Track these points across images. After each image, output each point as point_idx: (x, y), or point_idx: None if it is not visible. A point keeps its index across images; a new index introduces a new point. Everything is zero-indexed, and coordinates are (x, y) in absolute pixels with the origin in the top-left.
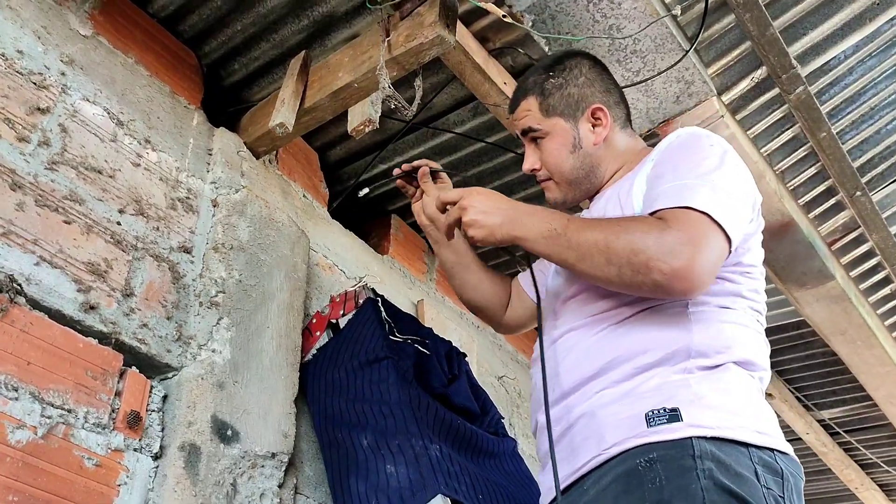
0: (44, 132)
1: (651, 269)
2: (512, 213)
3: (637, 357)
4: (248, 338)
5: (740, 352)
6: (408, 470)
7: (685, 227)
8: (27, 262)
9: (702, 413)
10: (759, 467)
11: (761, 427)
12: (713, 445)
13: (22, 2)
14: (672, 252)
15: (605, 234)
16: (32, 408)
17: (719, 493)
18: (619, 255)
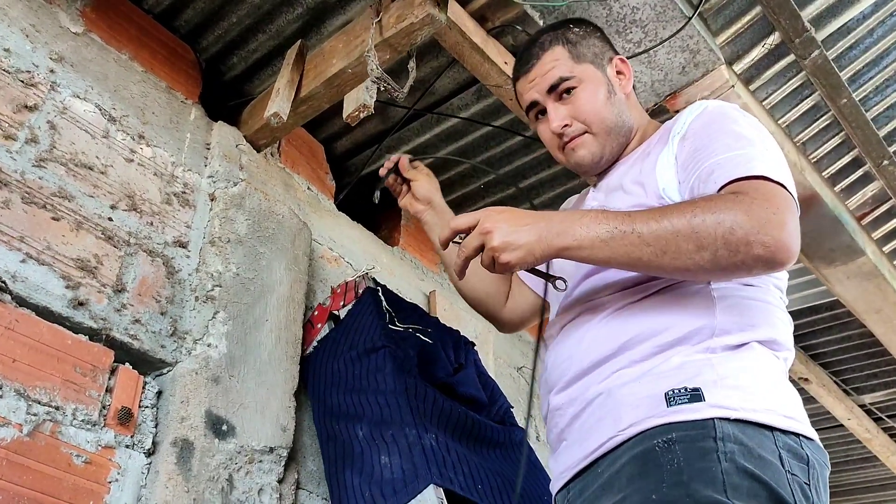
0: (31, 129)
1: (752, 245)
2: (545, 223)
3: (658, 335)
4: (246, 331)
5: (765, 331)
6: (401, 460)
7: (769, 197)
8: (13, 260)
9: (726, 394)
10: (783, 452)
11: (787, 411)
12: (736, 428)
13: (10, 1)
14: (769, 223)
15: (685, 218)
16: (17, 405)
17: (741, 477)
18: (710, 236)
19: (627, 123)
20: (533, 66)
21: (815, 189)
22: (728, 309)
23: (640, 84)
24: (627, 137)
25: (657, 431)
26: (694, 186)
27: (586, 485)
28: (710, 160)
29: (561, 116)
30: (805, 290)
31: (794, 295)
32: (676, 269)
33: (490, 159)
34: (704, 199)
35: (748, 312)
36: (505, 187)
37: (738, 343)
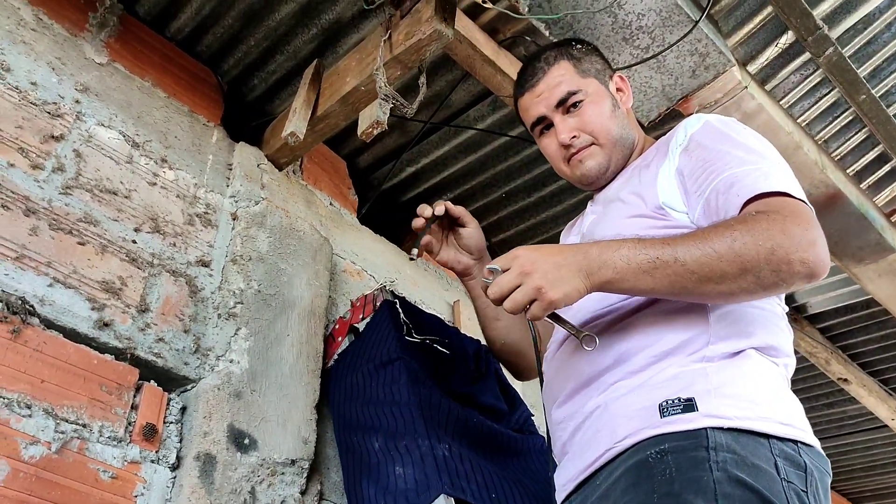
0: (58, 159)
1: (792, 263)
2: (584, 257)
3: (652, 346)
4: (268, 346)
5: (762, 338)
6: (414, 471)
7: (798, 214)
8: (41, 284)
9: (719, 403)
10: (779, 460)
11: (784, 418)
12: (730, 437)
13: (36, 36)
14: (804, 240)
15: (726, 242)
16: (46, 424)
17: (733, 486)
18: (754, 259)
19: (631, 136)
20: (539, 80)
21: (839, 187)
22: (722, 317)
23: (650, 89)
24: (631, 150)
25: (651, 443)
26: (710, 198)
27: (585, 497)
28: (727, 172)
29: (569, 128)
30: (838, 289)
31: (827, 294)
32: (720, 294)
33: (509, 168)
34: (739, 220)
35: (743, 320)
36: (526, 195)
37: (735, 351)
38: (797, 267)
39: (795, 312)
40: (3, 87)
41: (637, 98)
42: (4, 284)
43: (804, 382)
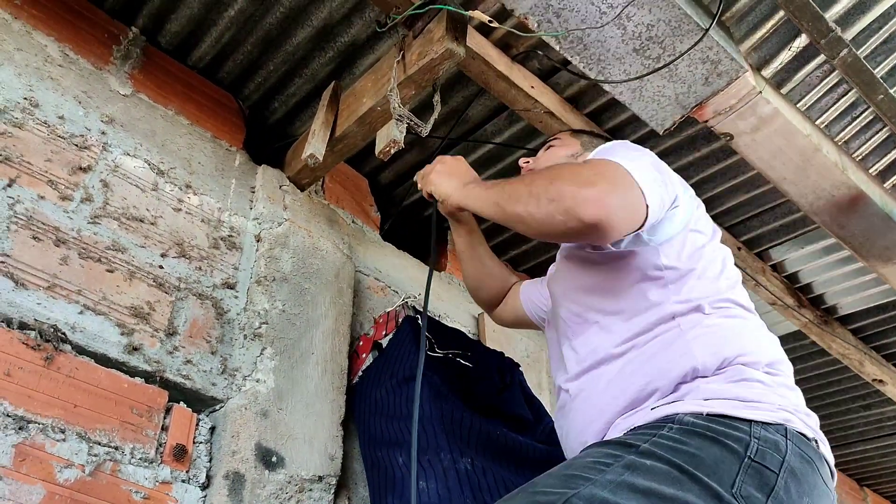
0: (86, 189)
1: (564, 197)
2: (461, 184)
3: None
4: (293, 365)
5: (740, 351)
6: (437, 485)
7: (600, 169)
8: (72, 312)
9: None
10: (755, 440)
11: (757, 404)
12: (695, 417)
13: (63, 72)
14: (587, 181)
15: (531, 175)
16: (80, 447)
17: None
18: (538, 185)
19: None
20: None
21: (861, 188)
22: (704, 344)
23: (664, 98)
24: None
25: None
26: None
27: None
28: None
29: (530, 160)
30: (868, 289)
31: (857, 295)
32: (514, 215)
33: None
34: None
35: (722, 344)
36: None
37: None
38: (567, 201)
39: (826, 314)
40: (33, 123)
41: (651, 108)
42: (37, 313)
43: (839, 385)
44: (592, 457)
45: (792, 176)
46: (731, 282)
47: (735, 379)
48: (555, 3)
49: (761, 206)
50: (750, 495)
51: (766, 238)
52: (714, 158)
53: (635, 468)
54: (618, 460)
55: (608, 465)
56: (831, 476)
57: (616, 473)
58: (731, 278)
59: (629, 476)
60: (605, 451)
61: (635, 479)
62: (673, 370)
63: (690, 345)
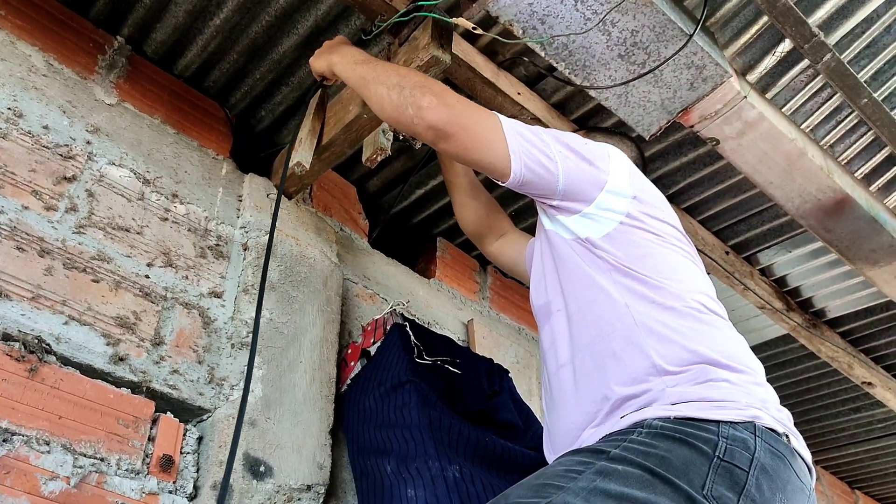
0: (71, 199)
1: (424, 97)
2: (337, 59)
3: (612, 409)
4: (281, 374)
5: (708, 351)
6: (426, 493)
7: (478, 109)
8: (56, 323)
9: (661, 406)
10: (723, 440)
11: (724, 403)
12: (664, 421)
13: (47, 81)
14: (451, 101)
15: (408, 72)
16: (64, 459)
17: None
18: (408, 86)
19: None
20: None
21: (847, 191)
22: (664, 344)
23: (650, 103)
24: None
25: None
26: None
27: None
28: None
29: None
30: (856, 291)
31: (845, 298)
32: (375, 94)
33: None
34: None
35: (683, 341)
36: (535, 212)
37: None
38: (421, 99)
39: (814, 318)
40: (17, 133)
41: (637, 113)
42: (21, 324)
43: (828, 388)
44: (564, 465)
45: (778, 180)
46: (693, 281)
47: (700, 380)
48: (539, 10)
49: (748, 210)
50: (721, 495)
51: (754, 242)
52: (700, 163)
53: (607, 474)
54: (589, 467)
55: (580, 472)
56: (809, 472)
57: (588, 480)
58: (693, 278)
59: (601, 482)
60: (577, 458)
61: (607, 485)
62: (633, 372)
63: (649, 345)
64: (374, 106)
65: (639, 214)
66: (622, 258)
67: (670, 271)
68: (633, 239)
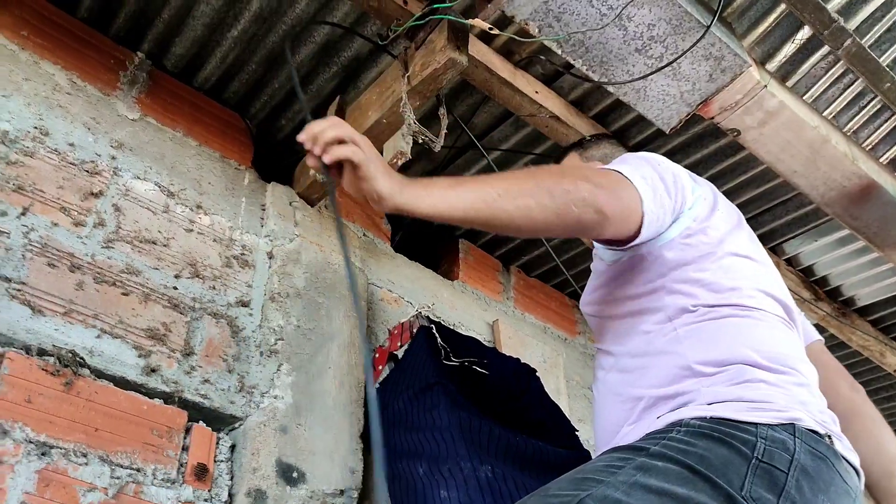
0: (98, 214)
1: (580, 188)
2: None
3: (649, 412)
4: (310, 380)
5: (742, 352)
6: (458, 494)
7: (602, 171)
8: (89, 336)
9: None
10: (761, 441)
11: (762, 404)
12: (701, 420)
13: (71, 99)
14: (593, 176)
15: (531, 174)
16: (102, 470)
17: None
18: (555, 185)
19: None
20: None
21: (872, 177)
22: (699, 344)
23: (669, 97)
24: None
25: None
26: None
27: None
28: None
29: None
30: (886, 279)
31: (874, 286)
32: (522, 207)
33: None
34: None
35: (719, 342)
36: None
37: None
38: (588, 197)
39: (843, 306)
40: (44, 151)
41: (656, 107)
42: (55, 339)
43: (860, 377)
44: (603, 461)
45: (802, 168)
46: (737, 280)
47: (737, 381)
48: (554, 8)
49: (772, 200)
50: (760, 497)
51: (779, 232)
52: (722, 155)
53: (647, 469)
54: (629, 462)
55: (619, 467)
56: (857, 475)
57: (628, 475)
58: (737, 276)
59: (641, 477)
60: (616, 455)
61: (648, 480)
62: (668, 374)
63: (684, 347)
64: (522, 221)
65: (689, 221)
66: (667, 263)
67: (715, 270)
68: (686, 242)
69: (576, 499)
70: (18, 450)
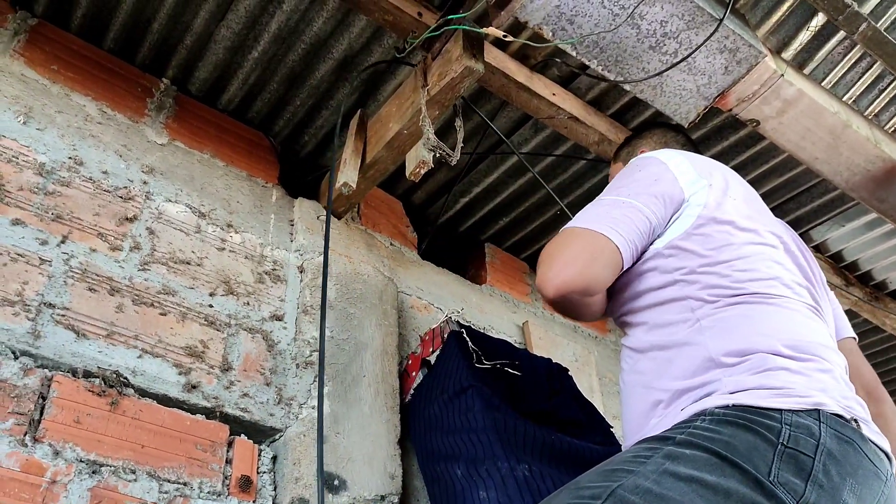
0: (133, 238)
1: (538, 281)
2: None
3: (673, 401)
4: (346, 389)
5: (765, 341)
6: (497, 494)
7: (547, 249)
8: (131, 357)
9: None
10: (786, 427)
11: (785, 391)
12: (724, 408)
13: (102, 128)
14: (547, 258)
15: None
16: (150, 486)
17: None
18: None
19: None
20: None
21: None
22: (720, 335)
23: (685, 91)
24: None
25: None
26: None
27: None
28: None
29: None
30: None
31: None
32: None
33: (560, 186)
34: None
35: (739, 332)
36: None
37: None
38: (542, 292)
39: (875, 290)
40: (79, 180)
41: (673, 102)
42: (99, 361)
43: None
44: (632, 452)
45: (823, 155)
46: (756, 267)
47: (759, 370)
48: (567, 11)
49: (796, 188)
50: (788, 481)
51: (805, 220)
52: (742, 146)
53: (675, 457)
54: (656, 452)
55: (648, 457)
56: (887, 459)
57: (657, 464)
58: (757, 263)
59: (670, 465)
60: (644, 445)
61: (677, 468)
62: (691, 367)
63: (705, 339)
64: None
65: (697, 210)
66: (684, 254)
67: (733, 258)
68: (692, 234)
69: (607, 490)
70: (70, 469)
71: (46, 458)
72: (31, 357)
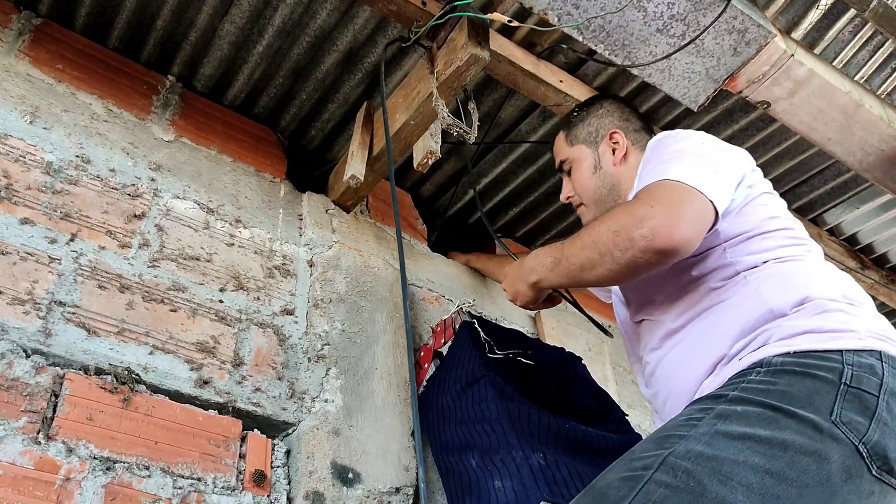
0: (142, 235)
1: (634, 239)
2: (517, 269)
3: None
4: (358, 382)
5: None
6: (512, 483)
7: (654, 195)
8: (142, 353)
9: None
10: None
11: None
12: (783, 357)
13: (108, 126)
14: (645, 216)
15: (590, 235)
16: (164, 482)
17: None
18: (604, 242)
19: (616, 190)
20: (552, 148)
21: None
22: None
23: (694, 74)
24: (616, 199)
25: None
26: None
27: None
28: (643, 182)
29: (566, 191)
30: None
31: None
32: (598, 278)
33: None
34: (607, 211)
35: (793, 282)
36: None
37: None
38: (639, 242)
39: (892, 273)
40: (87, 178)
41: (682, 86)
42: (111, 358)
43: None
44: (685, 415)
45: (836, 136)
46: (790, 230)
47: (816, 312)
48: None
49: (809, 170)
50: (851, 420)
51: (819, 203)
52: (753, 129)
53: (726, 416)
54: (708, 413)
55: (699, 419)
56: None
57: (708, 425)
58: (789, 227)
59: (722, 425)
60: (696, 407)
61: (728, 427)
62: (750, 318)
63: (761, 291)
64: (607, 283)
65: (745, 189)
66: (734, 227)
67: (769, 221)
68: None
69: (659, 458)
70: (84, 466)
71: (60, 455)
72: (43, 355)
